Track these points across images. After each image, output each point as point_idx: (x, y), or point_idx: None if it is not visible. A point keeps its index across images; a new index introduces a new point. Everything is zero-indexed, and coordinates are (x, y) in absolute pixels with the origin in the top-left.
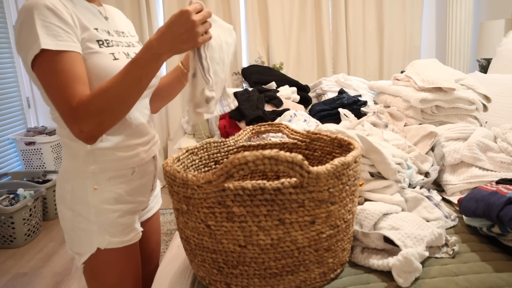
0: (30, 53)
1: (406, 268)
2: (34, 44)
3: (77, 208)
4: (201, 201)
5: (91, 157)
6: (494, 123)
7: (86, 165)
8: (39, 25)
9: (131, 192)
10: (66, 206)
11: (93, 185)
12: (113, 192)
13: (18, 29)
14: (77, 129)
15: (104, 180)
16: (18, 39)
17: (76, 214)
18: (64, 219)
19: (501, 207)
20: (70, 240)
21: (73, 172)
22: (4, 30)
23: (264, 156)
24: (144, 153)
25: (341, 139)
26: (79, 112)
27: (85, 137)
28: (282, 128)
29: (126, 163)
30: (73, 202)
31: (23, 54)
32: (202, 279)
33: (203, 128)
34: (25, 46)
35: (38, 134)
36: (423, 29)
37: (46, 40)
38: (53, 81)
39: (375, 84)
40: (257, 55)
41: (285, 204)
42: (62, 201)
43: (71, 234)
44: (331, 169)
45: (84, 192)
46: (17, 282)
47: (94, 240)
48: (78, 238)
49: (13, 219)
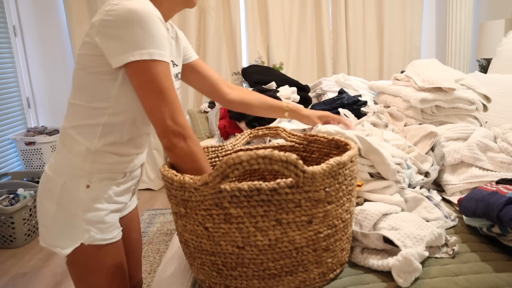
0: (137, 53)
1: (406, 268)
2: (150, 48)
3: (64, 202)
4: (199, 203)
5: (91, 157)
6: (494, 123)
7: (84, 164)
8: (158, 35)
9: (119, 194)
10: (52, 199)
11: (86, 183)
12: (103, 192)
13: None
14: (170, 144)
15: (97, 180)
16: (122, 35)
17: (62, 208)
18: (44, 212)
19: (501, 207)
20: (46, 233)
21: (69, 168)
22: (4, 30)
23: (258, 155)
24: (137, 160)
25: (338, 140)
26: (185, 132)
27: (174, 150)
28: (279, 131)
29: (120, 167)
30: (61, 196)
31: (121, 50)
32: (202, 282)
33: (203, 128)
34: (132, 44)
35: (38, 134)
36: (423, 29)
37: (163, 52)
38: (163, 91)
39: (375, 84)
40: (257, 55)
41: (281, 204)
42: (47, 194)
43: (49, 227)
44: (326, 168)
45: (76, 189)
46: (17, 282)
47: (79, 236)
48: (58, 232)
49: (13, 219)
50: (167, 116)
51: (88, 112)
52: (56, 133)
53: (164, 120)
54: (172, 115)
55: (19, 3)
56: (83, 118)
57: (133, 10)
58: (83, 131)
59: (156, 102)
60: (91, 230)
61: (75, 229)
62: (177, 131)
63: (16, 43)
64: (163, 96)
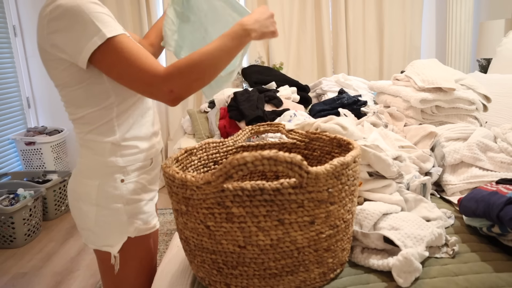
0: (87, 47)
1: (406, 268)
2: (94, 36)
3: (103, 202)
4: (200, 202)
5: (118, 151)
6: (494, 123)
7: (113, 159)
8: (94, 18)
9: (150, 182)
10: (90, 202)
11: (120, 178)
12: (138, 183)
13: (66, 30)
14: (167, 89)
15: (130, 172)
16: (66, 41)
17: (102, 208)
18: (84, 216)
19: (501, 207)
20: (93, 236)
21: (99, 168)
22: (4, 30)
23: (263, 156)
24: (158, 145)
25: (340, 138)
26: (171, 73)
27: (174, 97)
28: (281, 128)
29: (146, 155)
30: (99, 197)
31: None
32: (202, 279)
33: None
34: (79, 44)
35: (38, 134)
36: (423, 29)
37: (107, 29)
38: (129, 58)
39: (375, 84)
40: (257, 55)
41: (284, 205)
42: (83, 198)
43: (94, 229)
44: (330, 169)
45: (113, 186)
46: (17, 282)
47: (124, 230)
48: (104, 231)
49: (13, 219)
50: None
51: (98, 114)
52: (56, 133)
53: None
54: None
55: (19, 3)
56: (96, 122)
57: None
58: (101, 130)
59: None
60: (135, 222)
61: (120, 224)
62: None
63: (16, 43)
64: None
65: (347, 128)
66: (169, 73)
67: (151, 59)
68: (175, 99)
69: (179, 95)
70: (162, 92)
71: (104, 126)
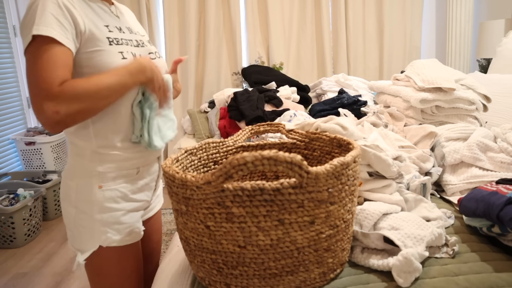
0: (25, 40)
1: (406, 268)
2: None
3: (80, 205)
4: (200, 201)
5: (97, 156)
6: (494, 123)
7: (92, 164)
8: (39, 14)
9: (135, 191)
10: (70, 204)
11: (98, 184)
12: (117, 191)
13: (24, 16)
14: (54, 109)
15: (109, 179)
16: (20, 25)
17: (80, 211)
18: (67, 216)
19: (501, 207)
20: (72, 237)
21: (79, 170)
22: (4, 30)
23: (263, 156)
24: (148, 155)
25: (340, 138)
26: (63, 92)
27: (58, 120)
28: (281, 128)
29: (131, 163)
30: (77, 199)
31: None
32: (202, 279)
33: (203, 128)
34: (24, 32)
35: (38, 134)
36: (423, 29)
37: (40, 27)
38: (39, 63)
39: (375, 84)
40: (257, 55)
41: (284, 205)
42: (66, 198)
43: (73, 230)
44: (330, 169)
45: (89, 190)
46: (17, 282)
47: (96, 238)
48: (80, 235)
49: (13, 219)
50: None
51: None
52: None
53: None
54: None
55: (19, 3)
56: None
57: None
58: (80, 134)
59: (30, 83)
60: (108, 231)
61: (92, 231)
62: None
63: (16, 43)
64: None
65: (347, 128)
66: (60, 93)
67: (60, 73)
68: (59, 122)
69: (64, 119)
70: (47, 111)
71: (82, 131)
